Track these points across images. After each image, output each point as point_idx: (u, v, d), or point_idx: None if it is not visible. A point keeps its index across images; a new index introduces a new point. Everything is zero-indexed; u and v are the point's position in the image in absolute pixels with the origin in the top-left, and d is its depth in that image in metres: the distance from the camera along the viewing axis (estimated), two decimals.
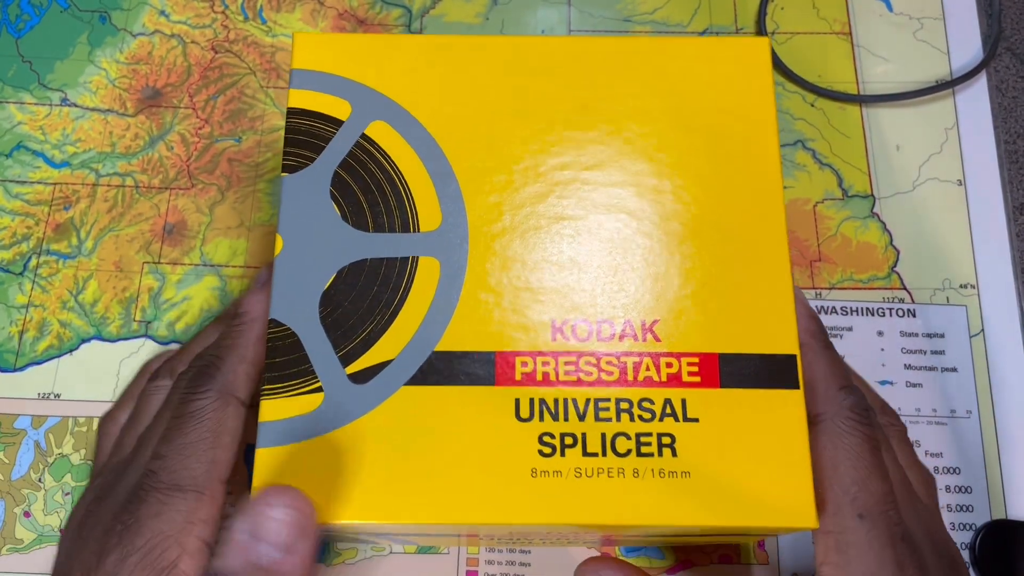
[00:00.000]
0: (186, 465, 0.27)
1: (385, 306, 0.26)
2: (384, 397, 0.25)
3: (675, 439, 0.25)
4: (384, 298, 0.26)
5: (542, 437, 0.25)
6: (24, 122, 0.42)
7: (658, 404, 0.26)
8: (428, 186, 0.27)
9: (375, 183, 0.28)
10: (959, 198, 0.41)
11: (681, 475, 0.25)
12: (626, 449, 0.25)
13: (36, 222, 0.40)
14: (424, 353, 0.26)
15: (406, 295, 0.26)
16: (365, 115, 0.28)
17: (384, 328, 0.26)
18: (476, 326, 0.26)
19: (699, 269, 0.27)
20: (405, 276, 0.27)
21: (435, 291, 0.26)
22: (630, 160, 0.28)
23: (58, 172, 0.41)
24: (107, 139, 0.41)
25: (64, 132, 0.42)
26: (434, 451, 0.25)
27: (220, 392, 0.28)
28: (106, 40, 0.43)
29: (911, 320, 0.39)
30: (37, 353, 0.38)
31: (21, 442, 0.37)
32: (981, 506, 0.36)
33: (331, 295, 0.26)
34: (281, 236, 0.27)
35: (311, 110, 0.28)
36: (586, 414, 0.25)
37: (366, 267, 0.27)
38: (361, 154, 0.28)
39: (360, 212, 0.27)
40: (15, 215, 0.40)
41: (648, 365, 0.26)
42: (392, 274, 0.27)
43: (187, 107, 0.42)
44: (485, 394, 0.25)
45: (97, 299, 0.39)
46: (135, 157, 0.41)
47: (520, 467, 0.25)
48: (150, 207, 0.40)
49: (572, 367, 0.26)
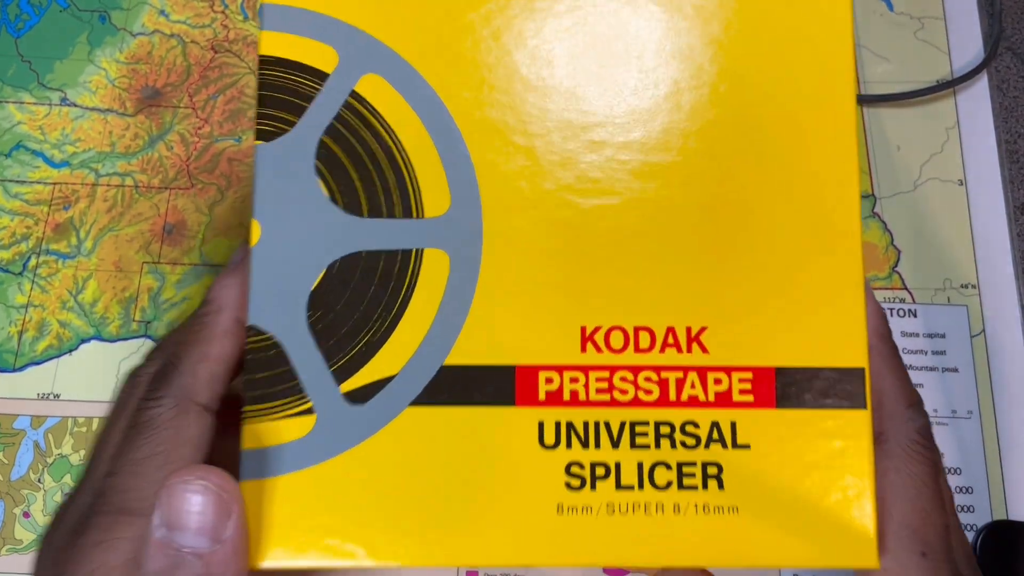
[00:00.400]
0: (137, 485, 0.23)
1: (385, 310, 0.22)
2: (386, 420, 0.22)
3: (722, 469, 0.22)
4: (383, 300, 0.22)
5: (569, 467, 0.22)
6: (23, 122, 0.42)
7: (704, 428, 0.22)
8: (434, 159, 0.23)
9: (369, 155, 0.22)
10: (960, 198, 0.41)
11: (728, 511, 0.22)
12: (666, 481, 0.22)
13: (35, 222, 0.40)
14: (432, 368, 0.22)
15: (409, 296, 0.22)
16: (355, 66, 0.23)
17: (384, 337, 0.22)
18: (492, 335, 0.22)
19: (754, 263, 0.22)
20: (408, 273, 0.22)
21: (443, 291, 0.22)
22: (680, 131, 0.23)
23: (57, 172, 0.41)
24: (107, 139, 0.41)
25: (64, 132, 0.41)
26: (445, 484, 0.22)
27: (177, 398, 0.24)
28: (106, 40, 0.43)
29: (912, 320, 0.39)
30: (36, 353, 0.38)
31: (20, 442, 0.36)
32: (982, 506, 0.36)
33: (320, 296, 0.22)
34: (258, 222, 0.22)
35: (288, 59, 0.23)
36: (620, 440, 0.22)
37: (361, 261, 0.22)
38: (352, 117, 0.23)
39: (352, 192, 0.22)
40: (14, 215, 0.40)
41: (693, 382, 0.22)
42: (392, 270, 0.22)
43: (187, 107, 0.42)
44: (503, 416, 0.22)
45: (97, 299, 0.39)
46: (135, 157, 0.41)
47: (544, 502, 0.21)
48: (150, 207, 0.40)
49: (605, 384, 0.22)
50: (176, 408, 0.24)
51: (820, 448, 0.22)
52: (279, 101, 0.23)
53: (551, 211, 0.23)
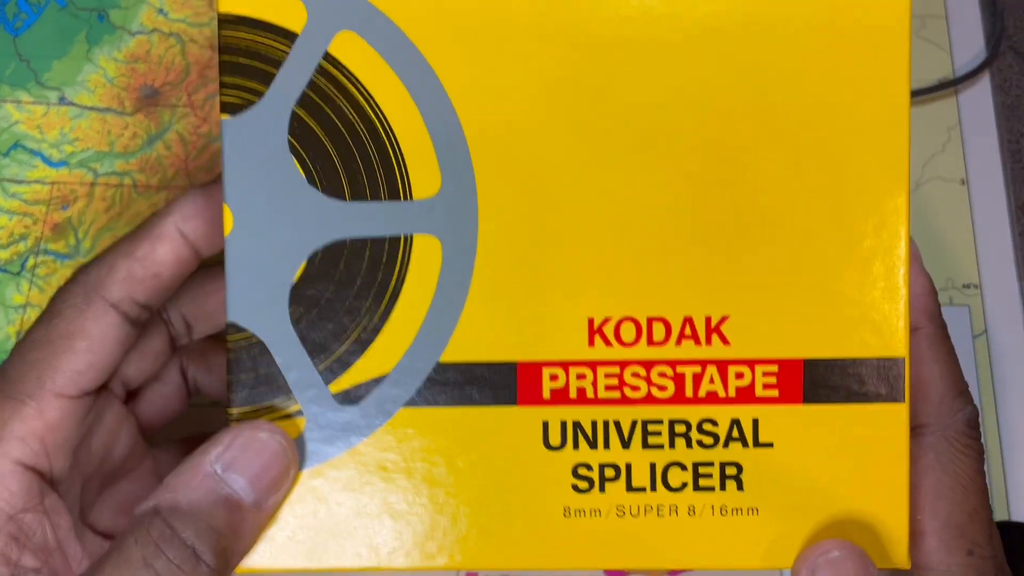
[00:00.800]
0: (19, 370, 0.22)
1: (373, 304, 0.20)
2: (380, 422, 0.20)
3: (742, 469, 0.21)
4: (371, 293, 0.20)
5: (576, 469, 0.21)
6: (21, 121, 0.41)
7: (723, 426, 0.21)
8: (421, 132, 0.20)
9: (348, 128, 0.20)
10: (962, 198, 0.40)
11: (748, 512, 0.21)
12: (680, 482, 0.21)
13: (34, 221, 0.40)
14: (426, 365, 0.20)
15: (399, 288, 0.20)
16: (327, 23, 0.20)
17: (374, 333, 0.20)
18: (491, 328, 0.20)
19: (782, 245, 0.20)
20: (397, 262, 0.20)
21: (436, 282, 0.20)
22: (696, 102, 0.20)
23: (56, 171, 0.41)
24: (105, 138, 0.41)
25: (62, 131, 0.41)
26: (443, 488, 0.20)
27: (87, 291, 0.22)
28: (104, 38, 0.43)
29: None
30: None
31: None
32: None
33: (303, 290, 0.20)
34: (229, 208, 0.20)
35: (252, 17, 0.20)
36: (631, 440, 0.21)
37: (345, 250, 0.20)
38: (326, 84, 0.20)
39: (331, 172, 0.20)
40: (12, 215, 0.40)
41: (712, 376, 0.21)
42: (380, 259, 0.20)
43: (185, 106, 0.42)
44: (505, 416, 0.21)
45: None
46: (133, 156, 0.41)
47: (550, 505, 0.20)
48: (148, 207, 0.40)
49: (614, 380, 0.21)
50: (81, 299, 0.22)
51: (851, 446, 0.20)
52: (244, 68, 0.20)
53: (556, 188, 0.20)
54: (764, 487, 0.21)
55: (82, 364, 0.22)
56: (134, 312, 0.23)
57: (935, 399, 0.22)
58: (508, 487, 0.20)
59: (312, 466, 0.20)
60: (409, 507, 0.20)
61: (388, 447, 0.20)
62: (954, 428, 0.22)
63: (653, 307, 0.20)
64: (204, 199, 0.23)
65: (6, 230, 0.39)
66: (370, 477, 0.20)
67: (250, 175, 0.20)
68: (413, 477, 0.20)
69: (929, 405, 0.22)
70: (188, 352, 0.28)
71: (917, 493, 0.21)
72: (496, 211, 0.20)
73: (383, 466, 0.20)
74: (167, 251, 0.22)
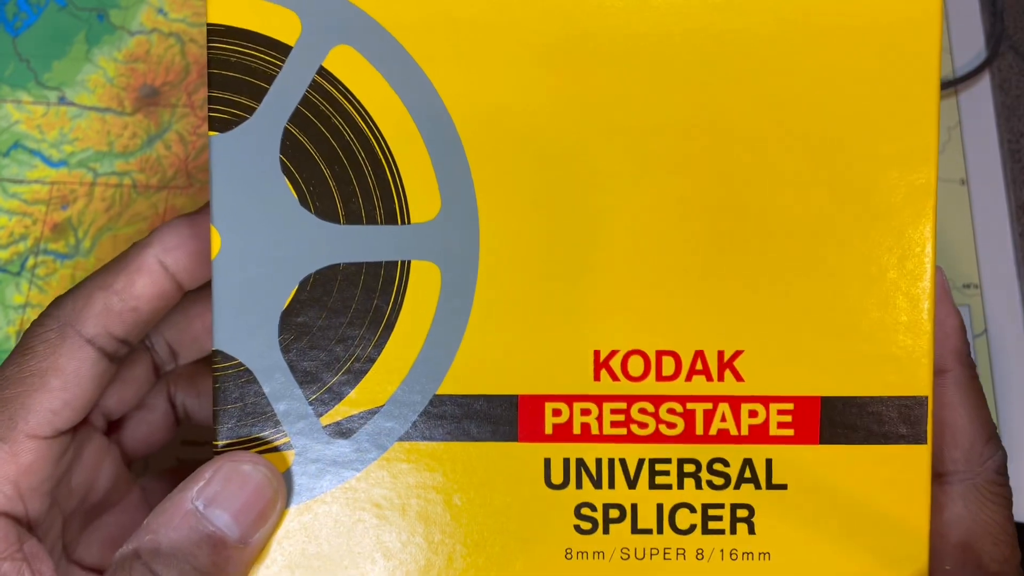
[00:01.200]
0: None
1: (368, 331, 0.19)
2: (373, 457, 0.19)
3: (754, 512, 0.20)
4: (365, 320, 0.19)
5: (579, 509, 0.20)
6: (21, 121, 0.41)
7: (734, 466, 0.20)
8: (420, 153, 0.19)
9: (343, 146, 0.19)
10: (962, 198, 0.40)
11: (759, 557, 0.20)
12: (689, 525, 0.20)
13: (33, 221, 0.40)
14: (423, 398, 0.19)
15: (395, 316, 0.19)
16: (322, 36, 0.19)
17: (368, 363, 0.19)
18: (491, 359, 0.19)
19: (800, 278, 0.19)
20: (393, 289, 0.19)
21: (434, 310, 0.19)
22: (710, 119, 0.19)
23: (55, 171, 0.40)
24: (105, 138, 0.41)
25: (62, 131, 0.41)
26: (439, 526, 0.19)
27: (61, 325, 0.21)
28: (104, 38, 0.43)
29: None
30: None
31: None
32: None
33: (293, 317, 0.19)
34: (217, 230, 0.19)
35: (243, 28, 0.19)
36: (638, 479, 0.20)
37: (338, 276, 0.19)
38: (320, 101, 0.19)
39: (326, 194, 0.19)
40: (12, 214, 0.40)
41: (724, 414, 0.20)
42: (375, 286, 0.19)
43: (185, 105, 0.42)
44: (505, 452, 0.20)
45: None
46: (133, 156, 0.41)
47: (551, 547, 0.19)
48: (148, 206, 0.40)
49: (621, 416, 0.20)
50: (56, 333, 0.21)
51: (870, 489, 0.19)
52: (234, 82, 0.19)
53: (560, 214, 0.19)
54: (777, 531, 0.20)
55: (56, 403, 0.21)
56: (111, 347, 0.21)
57: (965, 445, 0.21)
58: (507, 527, 0.19)
59: (301, 501, 0.19)
60: (403, 546, 0.19)
61: (381, 483, 0.19)
62: (983, 476, 0.21)
63: (663, 340, 0.19)
64: (188, 228, 0.22)
65: (6, 230, 0.39)
66: (362, 514, 0.19)
67: (239, 195, 0.19)
68: (407, 515, 0.19)
69: (958, 451, 0.21)
70: (175, 377, 0.26)
71: (945, 543, 0.20)
72: (498, 236, 0.19)
73: (376, 503, 0.19)
74: (146, 284, 0.21)
